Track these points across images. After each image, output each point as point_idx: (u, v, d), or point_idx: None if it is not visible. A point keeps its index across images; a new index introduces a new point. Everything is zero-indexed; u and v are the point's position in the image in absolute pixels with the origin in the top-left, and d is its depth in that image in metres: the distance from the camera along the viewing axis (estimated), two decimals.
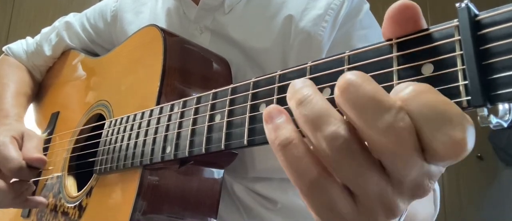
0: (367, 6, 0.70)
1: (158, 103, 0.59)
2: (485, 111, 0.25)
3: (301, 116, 0.27)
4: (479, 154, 2.61)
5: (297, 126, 0.29)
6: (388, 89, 0.29)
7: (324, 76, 0.33)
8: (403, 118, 0.24)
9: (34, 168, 0.69)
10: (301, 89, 0.28)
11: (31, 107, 0.97)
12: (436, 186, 0.60)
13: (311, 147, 0.28)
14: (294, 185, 0.28)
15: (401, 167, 0.26)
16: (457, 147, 0.24)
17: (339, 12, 0.67)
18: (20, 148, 0.71)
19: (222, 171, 0.65)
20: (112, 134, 0.64)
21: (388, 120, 0.24)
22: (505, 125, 0.27)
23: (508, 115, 0.27)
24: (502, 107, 0.26)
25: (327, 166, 0.27)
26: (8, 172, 0.67)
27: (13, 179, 0.70)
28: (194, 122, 0.47)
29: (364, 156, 0.26)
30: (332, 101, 0.27)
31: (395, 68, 0.29)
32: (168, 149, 0.51)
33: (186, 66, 0.64)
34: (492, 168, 2.60)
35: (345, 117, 0.27)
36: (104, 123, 0.68)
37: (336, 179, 0.27)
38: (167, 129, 0.52)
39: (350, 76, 0.26)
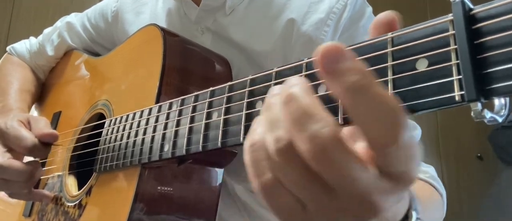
0: (369, 9, 0.70)
1: (157, 102, 0.59)
2: (479, 106, 0.25)
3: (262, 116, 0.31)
4: (479, 154, 2.61)
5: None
6: (383, 84, 0.29)
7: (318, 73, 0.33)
8: (329, 128, 0.26)
9: (46, 146, 0.70)
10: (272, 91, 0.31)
11: (34, 107, 0.97)
12: (443, 190, 0.61)
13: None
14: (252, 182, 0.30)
15: (337, 178, 0.26)
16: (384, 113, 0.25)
17: (341, 16, 0.66)
18: (29, 130, 0.71)
19: (221, 171, 0.65)
20: (111, 133, 0.64)
21: (316, 129, 0.26)
22: (500, 120, 0.27)
23: (503, 110, 0.27)
24: (498, 102, 0.26)
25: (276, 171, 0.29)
26: (23, 150, 0.68)
27: (26, 159, 0.71)
28: (192, 120, 0.48)
29: (304, 167, 0.27)
30: (327, 97, 0.28)
31: (390, 63, 0.29)
32: (166, 147, 0.51)
33: (186, 66, 0.64)
34: (492, 168, 2.60)
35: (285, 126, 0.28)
36: (104, 122, 0.68)
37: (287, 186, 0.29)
38: (165, 127, 0.52)
39: (293, 89, 0.28)
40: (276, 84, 0.37)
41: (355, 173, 0.26)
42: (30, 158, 0.71)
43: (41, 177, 0.81)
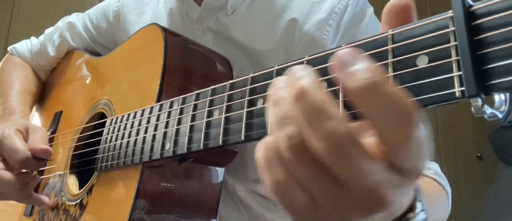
0: (371, 9, 0.70)
1: (158, 101, 0.59)
2: (479, 101, 0.25)
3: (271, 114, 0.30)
4: (479, 154, 2.60)
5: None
6: None
7: (320, 71, 0.33)
8: (343, 125, 0.26)
9: (40, 159, 0.70)
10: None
11: (35, 106, 0.97)
12: (448, 187, 0.61)
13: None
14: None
15: (350, 174, 0.26)
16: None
17: (342, 16, 0.67)
18: (26, 140, 0.71)
19: (222, 170, 0.65)
20: (112, 132, 0.64)
21: (330, 126, 0.26)
22: (500, 116, 0.27)
23: (503, 106, 0.27)
24: (498, 98, 0.27)
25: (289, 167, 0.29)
26: (15, 163, 0.68)
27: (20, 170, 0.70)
28: (193, 118, 0.48)
29: (317, 162, 0.27)
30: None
31: (390, 60, 0.29)
32: (167, 146, 0.51)
33: (187, 65, 0.65)
34: (492, 168, 2.60)
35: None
36: (105, 122, 0.69)
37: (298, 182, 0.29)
38: (166, 126, 0.52)
39: (304, 82, 0.27)
40: None
41: (367, 168, 0.26)
42: None
43: (42, 176, 0.81)
